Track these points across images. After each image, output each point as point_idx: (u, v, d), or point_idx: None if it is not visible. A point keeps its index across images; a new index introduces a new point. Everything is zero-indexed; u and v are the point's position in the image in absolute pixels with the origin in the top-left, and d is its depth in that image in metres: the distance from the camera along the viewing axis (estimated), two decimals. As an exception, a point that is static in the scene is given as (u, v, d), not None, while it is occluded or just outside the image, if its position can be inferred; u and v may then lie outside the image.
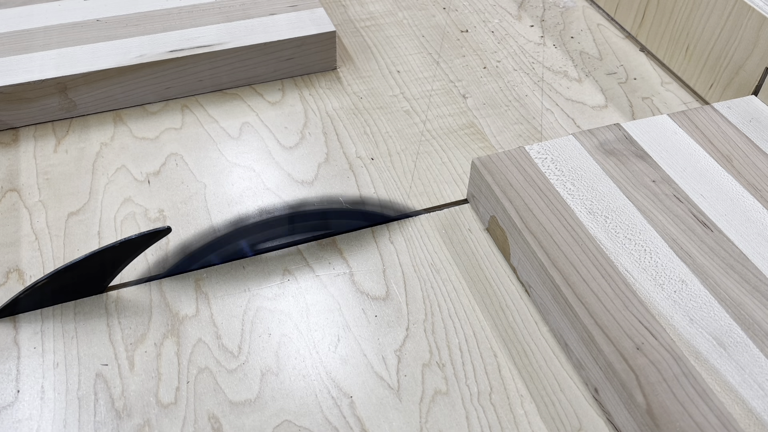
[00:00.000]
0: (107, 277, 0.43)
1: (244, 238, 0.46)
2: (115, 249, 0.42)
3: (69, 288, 0.43)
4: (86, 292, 0.43)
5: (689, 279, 0.40)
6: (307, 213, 0.49)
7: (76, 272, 0.42)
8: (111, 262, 0.43)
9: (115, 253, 0.42)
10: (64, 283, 0.42)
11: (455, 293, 0.44)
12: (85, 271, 0.42)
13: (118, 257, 0.43)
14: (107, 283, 0.44)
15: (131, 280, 0.45)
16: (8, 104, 0.54)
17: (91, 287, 0.43)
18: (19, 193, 0.50)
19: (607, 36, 0.69)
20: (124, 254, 0.43)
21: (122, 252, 0.43)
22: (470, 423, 0.38)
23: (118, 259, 0.43)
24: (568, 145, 0.49)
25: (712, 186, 0.46)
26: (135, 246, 0.43)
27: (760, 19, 0.53)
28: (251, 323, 0.42)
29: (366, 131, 0.56)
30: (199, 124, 0.56)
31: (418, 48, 0.66)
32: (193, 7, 0.62)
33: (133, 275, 0.45)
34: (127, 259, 0.43)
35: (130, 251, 0.43)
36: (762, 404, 0.34)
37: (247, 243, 0.46)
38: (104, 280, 0.43)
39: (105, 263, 0.43)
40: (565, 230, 0.43)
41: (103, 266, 0.43)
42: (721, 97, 0.58)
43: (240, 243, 0.46)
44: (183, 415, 0.38)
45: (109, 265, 0.43)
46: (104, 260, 0.42)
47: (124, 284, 0.44)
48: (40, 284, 0.41)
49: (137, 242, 0.42)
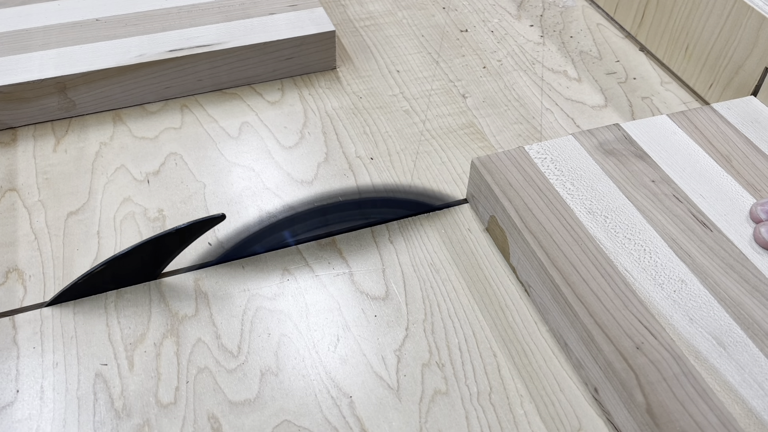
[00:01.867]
0: (161, 264, 0.44)
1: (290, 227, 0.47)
2: (171, 236, 0.42)
3: (124, 275, 0.43)
4: (140, 279, 0.44)
5: (689, 279, 0.40)
6: (350, 202, 0.49)
7: (132, 259, 0.42)
8: (166, 249, 0.44)
9: (171, 240, 0.43)
10: (120, 270, 0.43)
11: (455, 293, 0.44)
12: (140, 257, 0.43)
13: (173, 244, 0.44)
14: (160, 270, 0.44)
15: (181, 268, 0.45)
16: (7, 104, 0.54)
17: (144, 274, 0.44)
18: (18, 192, 0.50)
19: (606, 36, 0.69)
20: (179, 241, 0.44)
21: (177, 239, 0.43)
22: (470, 423, 0.38)
23: (173, 246, 0.44)
24: (568, 145, 0.49)
25: (711, 186, 0.46)
26: (190, 233, 0.44)
27: (760, 19, 0.53)
28: (251, 323, 0.42)
29: (365, 131, 0.56)
30: (199, 123, 0.56)
31: (417, 48, 0.66)
32: (193, 7, 0.62)
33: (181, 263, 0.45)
34: (181, 246, 0.44)
35: (185, 238, 0.44)
36: (762, 404, 0.34)
37: (292, 232, 0.47)
38: (158, 267, 0.44)
39: (160, 250, 0.43)
40: (565, 230, 0.43)
41: (158, 253, 0.43)
42: (721, 97, 0.58)
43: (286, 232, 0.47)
44: (182, 414, 0.38)
45: (163, 252, 0.44)
46: (159, 247, 0.43)
47: (174, 271, 0.45)
48: (97, 270, 0.42)
49: (192, 229, 0.43)
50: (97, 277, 0.43)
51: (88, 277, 0.42)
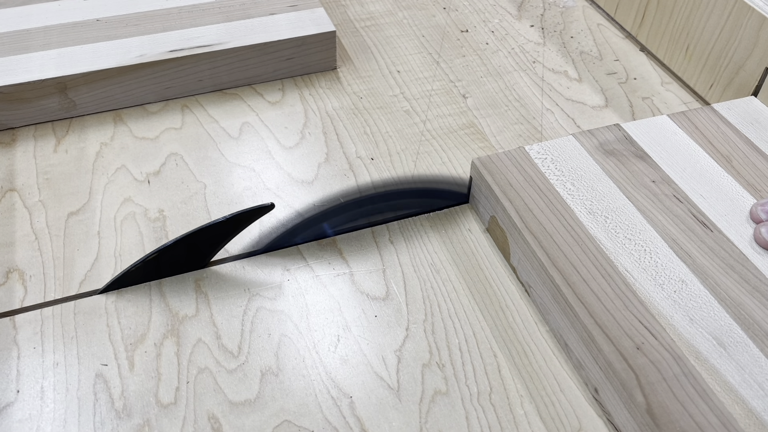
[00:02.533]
0: (211, 252, 0.45)
1: (335, 217, 0.48)
2: (223, 224, 0.43)
3: (174, 263, 0.44)
4: (190, 267, 0.45)
5: (689, 279, 0.40)
6: (388, 193, 0.49)
7: (183, 247, 0.43)
8: (217, 238, 0.44)
9: (222, 228, 0.43)
10: (172, 258, 0.44)
11: (455, 293, 0.44)
12: (192, 245, 0.43)
13: (224, 233, 0.44)
14: (210, 258, 0.45)
15: (227, 257, 0.46)
16: (8, 104, 0.54)
17: (195, 262, 0.45)
18: (18, 193, 0.50)
19: (607, 36, 0.69)
20: (229, 230, 0.44)
21: (228, 227, 0.44)
22: (470, 423, 0.38)
23: (223, 235, 0.44)
24: (568, 146, 0.49)
25: (711, 186, 0.46)
26: (240, 221, 0.44)
27: (760, 19, 0.53)
28: (251, 323, 0.42)
29: (366, 131, 0.56)
30: (199, 124, 0.56)
31: (418, 48, 0.66)
32: (193, 7, 0.62)
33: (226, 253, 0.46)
34: (230, 234, 0.44)
35: (235, 227, 0.44)
36: (762, 404, 0.34)
37: (330, 224, 0.48)
38: (208, 255, 0.45)
39: (211, 238, 0.44)
40: (565, 230, 0.43)
41: (209, 241, 0.44)
42: (721, 98, 0.58)
43: (325, 224, 0.48)
44: (183, 415, 0.38)
45: (214, 240, 0.44)
46: (211, 235, 0.44)
47: (222, 260, 0.45)
48: (149, 258, 0.42)
49: (242, 218, 0.44)
50: (149, 265, 0.43)
51: (141, 265, 0.43)
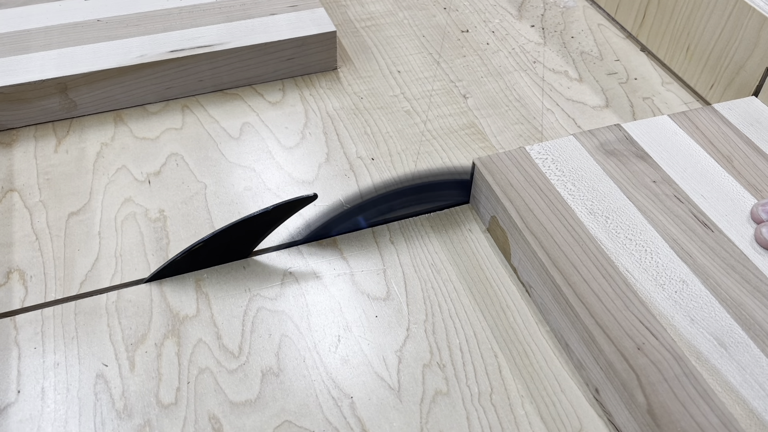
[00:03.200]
0: (254, 241, 0.45)
1: (365, 212, 0.48)
2: (268, 214, 0.43)
3: (220, 252, 0.45)
4: (234, 257, 0.45)
5: (690, 279, 0.40)
6: (419, 186, 0.49)
7: (229, 236, 0.43)
8: (261, 227, 0.45)
9: (267, 218, 0.44)
10: (217, 247, 0.44)
11: (456, 293, 0.44)
12: (237, 235, 0.44)
13: (268, 222, 0.45)
14: (253, 247, 0.45)
15: (270, 247, 0.46)
16: (8, 104, 0.54)
17: (239, 251, 0.45)
18: (19, 193, 0.50)
19: (607, 36, 0.69)
20: (273, 219, 0.45)
21: (272, 217, 0.44)
22: (471, 423, 0.38)
23: (267, 225, 0.45)
24: (569, 146, 0.49)
25: (712, 186, 0.46)
26: (283, 211, 0.44)
27: (761, 19, 0.53)
28: (252, 323, 0.42)
29: (366, 131, 0.56)
30: (200, 124, 0.56)
31: (418, 48, 0.66)
32: (194, 7, 0.62)
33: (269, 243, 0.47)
34: (274, 224, 0.45)
35: (279, 217, 0.45)
36: (763, 404, 0.34)
37: (365, 217, 0.48)
38: (251, 244, 0.45)
39: (256, 228, 0.44)
40: (566, 230, 0.43)
41: (253, 231, 0.45)
42: (722, 98, 0.58)
43: (360, 217, 0.48)
44: (183, 415, 0.38)
45: (259, 229, 0.45)
46: (256, 225, 0.44)
47: (265, 250, 0.46)
48: (196, 247, 0.43)
49: (285, 208, 0.44)
50: (195, 254, 0.44)
51: (187, 254, 0.43)
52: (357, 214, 0.48)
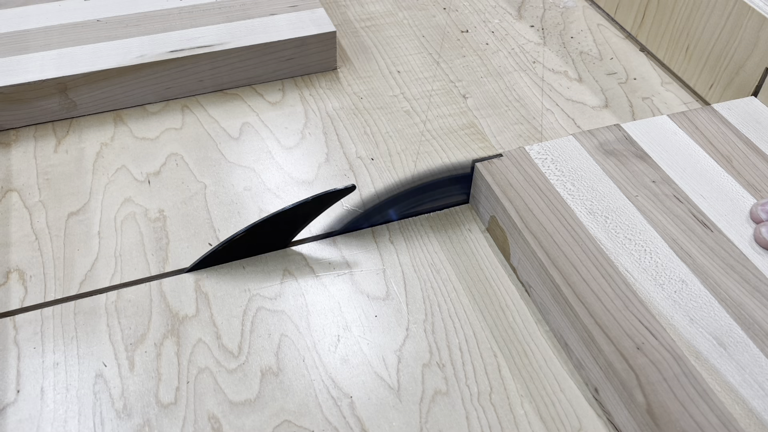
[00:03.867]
0: (293, 232, 0.46)
1: (397, 204, 0.49)
2: (307, 204, 0.44)
3: (260, 242, 0.45)
4: (273, 247, 0.46)
5: (689, 279, 0.40)
6: (443, 180, 0.50)
7: (269, 227, 0.44)
8: (300, 218, 0.46)
9: (306, 209, 0.45)
10: (257, 238, 0.45)
11: (455, 293, 0.44)
12: (276, 226, 0.45)
13: (307, 213, 0.46)
14: (292, 238, 0.46)
15: (307, 237, 0.47)
16: (8, 104, 0.54)
17: (278, 242, 0.46)
18: (19, 193, 0.50)
19: (607, 36, 0.69)
20: (312, 210, 0.45)
21: (311, 208, 0.45)
22: (470, 423, 0.38)
23: (306, 215, 0.46)
24: (568, 146, 0.49)
25: (712, 186, 0.46)
26: (322, 202, 0.45)
27: (760, 19, 0.53)
28: (251, 323, 0.42)
29: (366, 131, 0.56)
30: (200, 124, 0.57)
31: (418, 48, 0.66)
32: (194, 8, 0.62)
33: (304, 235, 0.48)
34: (312, 215, 0.46)
35: (317, 207, 0.46)
36: (762, 404, 0.34)
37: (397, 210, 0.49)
38: (291, 235, 0.46)
39: (295, 218, 0.45)
40: (565, 230, 0.43)
41: (292, 222, 0.45)
42: (721, 98, 0.58)
43: (391, 210, 0.49)
44: (183, 415, 0.38)
45: (297, 220, 0.46)
46: (295, 215, 0.45)
47: (303, 240, 0.47)
48: (236, 238, 0.44)
49: (324, 199, 0.45)
50: (236, 244, 0.44)
51: (228, 244, 0.44)
52: (390, 206, 0.49)
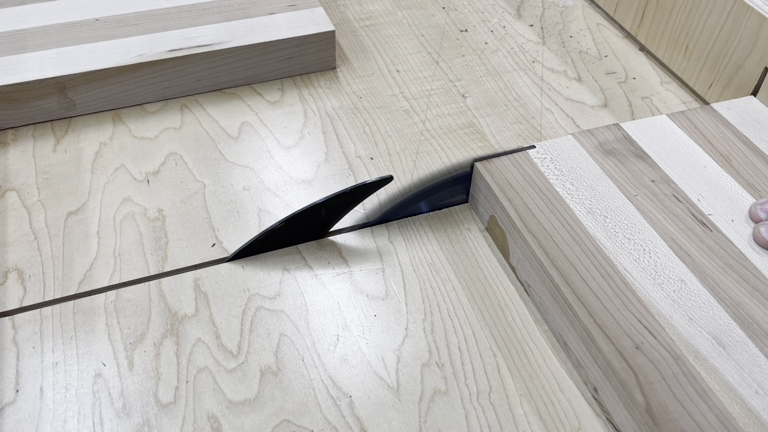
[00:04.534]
0: (330, 223, 0.47)
1: (429, 196, 0.49)
2: (345, 195, 0.45)
3: (298, 232, 0.46)
4: (311, 237, 0.47)
5: (688, 278, 0.40)
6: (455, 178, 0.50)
7: (307, 217, 0.45)
8: (338, 208, 0.46)
9: (343, 199, 0.45)
10: (296, 227, 0.46)
11: (454, 293, 0.44)
12: (316, 215, 0.45)
13: (344, 204, 0.46)
14: (329, 228, 0.47)
15: (344, 228, 0.48)
16: (7, 104, 0.54)
17: (316, 232, 0.47)
18: (17, 192, 0.50)
19: (606, 35, 0.69)
20: (349, 201, 0.46)
21: (349, 199, 0.46)
22: (469, 422, 0.38)
23: (344, 206, 0.46)
24: (568, 145, 0.49)
25: (711, 186, 0.46)
26: (359, 193, 0.46)
27: (760, 18, 0.53)
28: (250, 323, 0.42)
29: (365, 131, 0.56)
30: (199, 123, 0.56)
31: (417, 47, 0.66)
32: (192, 7, 0.62)
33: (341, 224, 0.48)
34: (350, 206, 0.47)
35: (354, 199, 0.46)
36: (761, 403, 0.34)
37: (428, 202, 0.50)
38: (328, 225, 0.47)
39: (333, 209, 0.46)
40: (565, 230, 0.43)
41: (329, 212, 0.46)
42: (721, 97, 0.58)
43: (422, 203, 0.49)
44: (182, 414, 0.38)
45: (334, 211, 0.46)
46: (333, 206, 0.46)
47: (340, 230, 0.48)
48: (276, 228, 0.45)
49: (361, 190, 0.45)
50: (275, 234, 0.45)
51: (268, 233, 0.45)
52: (421, 199, 0.49)
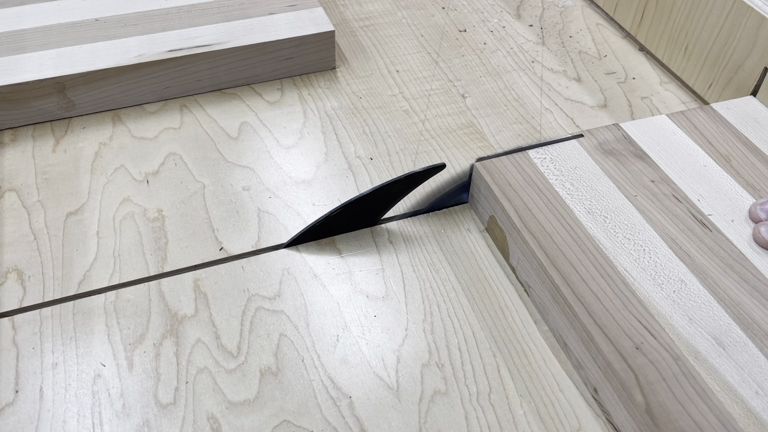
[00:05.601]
0: (383, 210, 0.48)
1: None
2: (399, 183, 0.45)
3: (353, 219, 0.47)
4: (364, 224, 0.48)
5: (688, 279, 0.40)
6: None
7: (363, 204, 0.45)
8: (391, 196, 0.47)
9: (398, 187, 0.46)
10: (351, 215, 0.46)
11: (454, 293, 0.44)
12: (369, 203, 0.46)
13: (398, 191, 0.47)
14: (381, 216, 0.48)
15: (395, 215, 0.49)
16: (7, 104, 0.54)
17: (369, 219, 0.48)
18: (17, 193, 0.50)
19: (606, 36, 0.69)
20: (403, 189, 0.47)
21: (403, 186, 0.46)
22: (469, 423, 0.38)
23: (397, 194, 0.47)
24: (567, 145, 0.49)
25: (711, 186, 0.46)
26: (413, 181, 0.46)
27: (759, 19, 0.53)
28: (250, 323, 0.42)
29: (365, 131, 0.56)
30: (198, 123, 0.56)
31: (416, 47, 0.66)
32: (192, 7, 0.62)
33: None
34: (402, 193, 0.47)
35: (408, 186, 0.47)
36: (761, 403, 0.34)
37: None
38: (380, 213, 0.48)
39: (387, 197, 0.46)
40: (564, 230, 0.43)
41: (384, 200, 0.47)
42: (720, 97, 0.58)
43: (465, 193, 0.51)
44: (182, 415, 0.38)
45: (387, 198, 0.47)
46: (387, 194, 0.46)
47: (390, 218, 0.49)
48: (333, 214, 0.45)
49: (414, 178, 0.46)
50: (332, 220, 0.46)
51: (325, 219, 0.46)
52: (464, 191, 0.50)
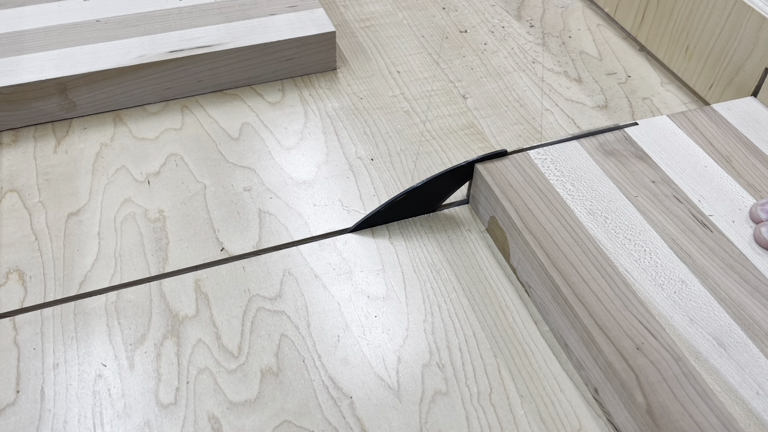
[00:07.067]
0: (443, 196, 0.48)
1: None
2: (462, 169, 0.46)
3: (415, 205, 0.48)
4: (423, 210, 0.49)
5: (689, 279, 0.40)
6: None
7: (426, 190, 0.46)
8: (453, 182, 0.47)
9: (460, 173, 0.47)
10: (415, 200, 0.47)
11: (455, 293, 0.44)
12: (432, 189, 0.47)
13: (460, 178, 0.47)
14: (441, 202, 0.49)
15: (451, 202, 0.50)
16: (8, 105, 0.54)
17: (427, 206, 0.48)
18: (18, 193, 0.50)
19: (606, 36, 0.69)
20: (463, 176, 0.47)
21: (464, 173, 0.47)
22: (470, 423, 0.38)
23: (457, 182, 0.48)
24: (568, 146, 0.49)
25: (711, 187, 0.46)
26: (472, 168, 0.47)
27: (760, 19, 0.53)
28: (251, 324, 0.42)
29: (366, 131, 0.56)
30: (199, 124, 0.57)
31: (417, 48, 0.66)
32: (193, 8, 0.62)
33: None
34: (462, 181, 0.48)
35: (469, 173, 0.47)
36: (762, 404, 0.34)
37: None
38: (439, 200, 0.49)
39: (449, 183, 0.47)
40: (565, 230, 0.43)
41: (445, 186, 0.47)
42: (721, 98, 0.58)
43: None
44: (183, 415, 0.38)
45: (448, 185, 0.47)
46: (450, 180, 0.47)
47: (447, 205, 0.50)
48: (399, 199, 0.46)
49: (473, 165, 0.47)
50: (397, 206, 0.47)
51: (391, 204, 0.46)
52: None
